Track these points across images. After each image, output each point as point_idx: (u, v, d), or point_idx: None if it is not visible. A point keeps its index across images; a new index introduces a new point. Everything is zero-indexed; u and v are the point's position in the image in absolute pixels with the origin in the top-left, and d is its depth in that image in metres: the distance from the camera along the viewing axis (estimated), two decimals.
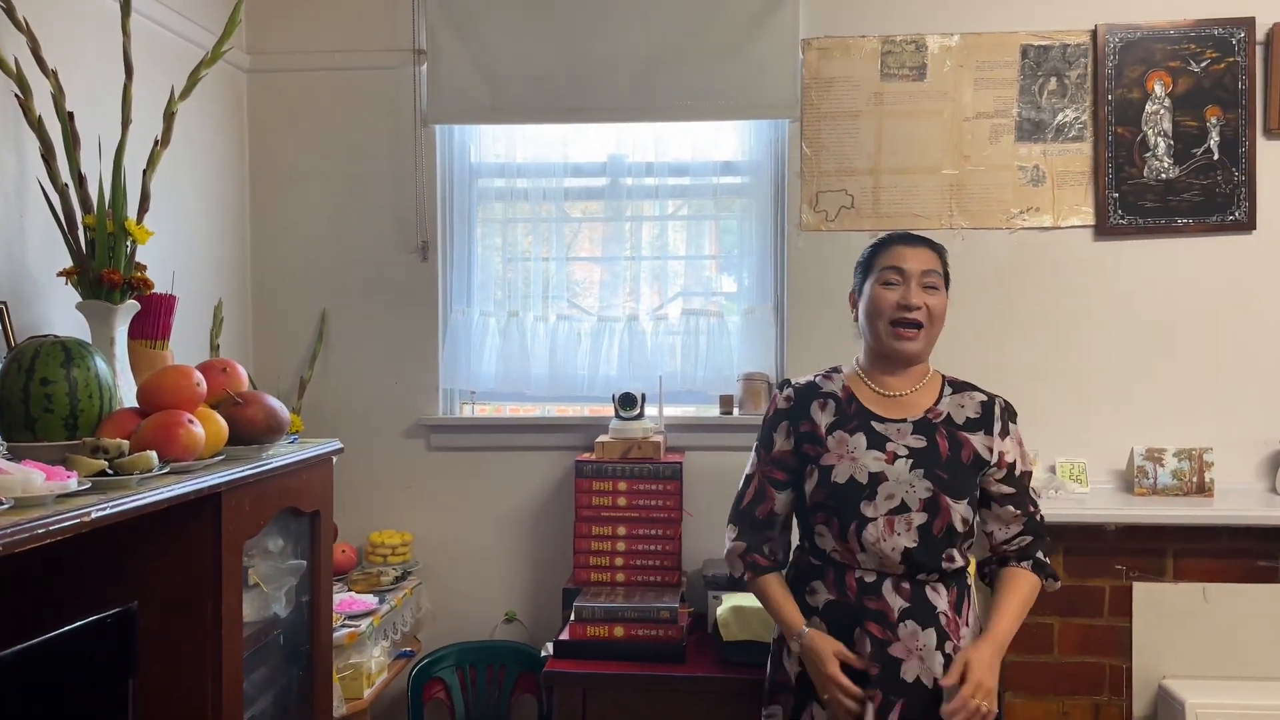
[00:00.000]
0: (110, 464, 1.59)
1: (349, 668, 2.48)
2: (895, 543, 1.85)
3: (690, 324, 3.07)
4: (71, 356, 1.78)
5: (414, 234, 3.10)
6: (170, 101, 2.14)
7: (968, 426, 1.92)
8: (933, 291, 1.93)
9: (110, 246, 1.99)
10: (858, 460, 1.91)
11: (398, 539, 3.02)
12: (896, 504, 1.87)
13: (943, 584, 1.88)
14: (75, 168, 2.00)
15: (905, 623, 1.85)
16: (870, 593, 1.88)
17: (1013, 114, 2.95)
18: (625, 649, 2.60)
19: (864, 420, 1.94)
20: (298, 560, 2.24)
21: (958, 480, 1.87)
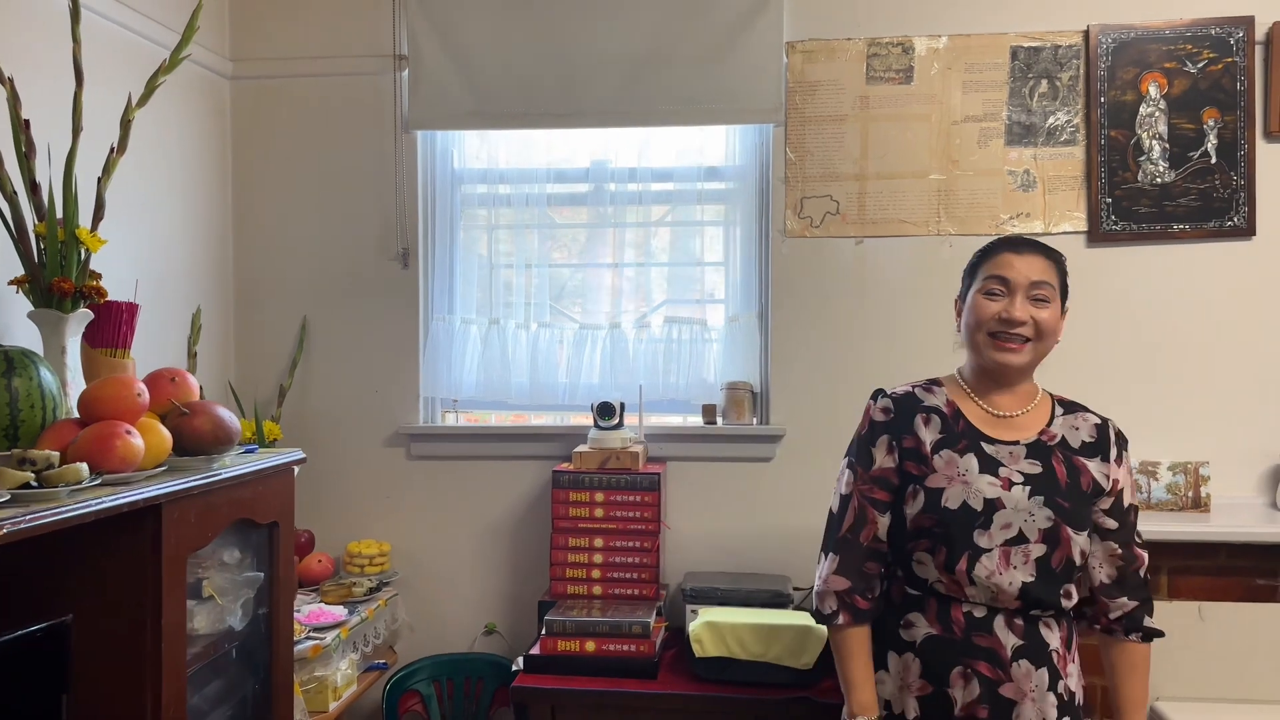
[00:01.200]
0: (38, 476, 1.56)
1: (313, 680, 2.44)
2: (1012, 577, 1.70)
3: (673, 332, 3.02)
4: (14, 366, 1.77)
5: (395, 241, 3.07)
6: (127, 109, 2.12)
7: (1084, 451, 1.79)
8: (1042, 304, 1.77)
9: (61, 255, 1.97)
10: (971, 484, 1.74)
11: (375, 549, 2.99)
12: (1013, 534, 1.72)
13: (1055, 619, 1.76)
14: (29, 176, 1.99)
15: (1019, 662, 1.71)
16: (980, 628, 1.73)
17: (1002, 117, 2.88)
18: (596, 664, 2.54)
19: (974, 440, 1.79)
20: (255, 572, 2.21)
21: (1079, 509, 1.75)
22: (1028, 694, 1.71)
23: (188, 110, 2.91)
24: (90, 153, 2.12)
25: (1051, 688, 1.72)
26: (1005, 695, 1.71)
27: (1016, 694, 1.71)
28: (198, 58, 2.92)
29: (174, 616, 1.82)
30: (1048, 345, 1.80)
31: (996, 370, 1.80)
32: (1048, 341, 1.79)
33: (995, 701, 1.71)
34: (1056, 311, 1.79)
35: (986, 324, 1.78)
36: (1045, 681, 1.71)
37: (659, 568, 2.78)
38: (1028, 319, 1.76)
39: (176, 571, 1.83)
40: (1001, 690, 1.71)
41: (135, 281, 2.36)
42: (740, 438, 2.97)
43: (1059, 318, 1.80)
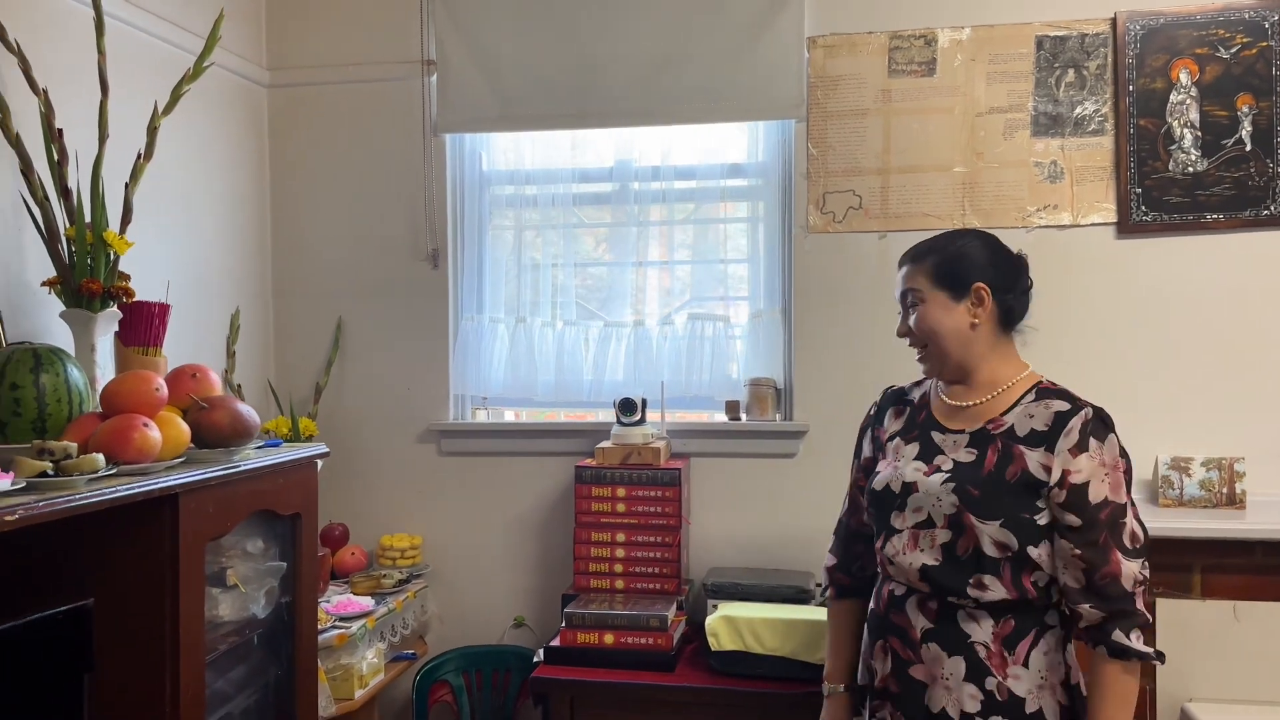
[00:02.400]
0: (55, 465, 1.65)
1: (339, 669, 2.52)
2: (915, 558, 1.72)
3: (696, 329, 3.03)
4: (41, 363, 1.86)
5: (425, 242, 3.14)
6: (154, 117, 2.22)
7: (1028, 440, 1.68)
8: (915, 309, 1.79)
9: (90, 257, 2.07)
10: (899, 469, 1.80)
11: (407, 542, 3.06)
12: (923, 518, 1.73)
13: (986, 613, 1.67)
14: (61, 182, 2.09)
15: (928, 645, 1.71)
16: (895, 607, 1.77)
17: (1028, 108, 2.84)
18: (615, 656, 2.58)
19: (925, 430, 1.82)
20: (278, 562, 2.28)
21: (991, 498, 1.66)
22: (939, 679, 1.69)
23: (227, 117, 3.02)
24: (122, 159, 2.22)
25: (973, 680, 1.66)
26: (915, 676, 1.72)
27: (926, 676, 1.71)
28: (235, 67, 3.04)
29: (192, 602, 1.90)
30: (941, 342, 1.77)
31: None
32: (940, 341, 1.77)
33: (905, 681, 1.73)
34: (932, 309, 1.77)
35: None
36: (961, 671, 1.67)
37: (680, 562, 2.81)
38: (905, 331, 1.82)
39: (194, 559, 1.91)
40: (911, 670, 1.73)
41: (167, 282, 2.45)
42: (763, 434, 2.98)
43: (941, 313, 1.76)
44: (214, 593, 2.16)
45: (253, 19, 3.14)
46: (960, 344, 1.76)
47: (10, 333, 2.12)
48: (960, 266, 1.77)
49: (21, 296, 2.19)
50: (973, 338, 1.76)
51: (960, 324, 1.76)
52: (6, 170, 2.11)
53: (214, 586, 2.16)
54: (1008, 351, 1.80)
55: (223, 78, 2.98)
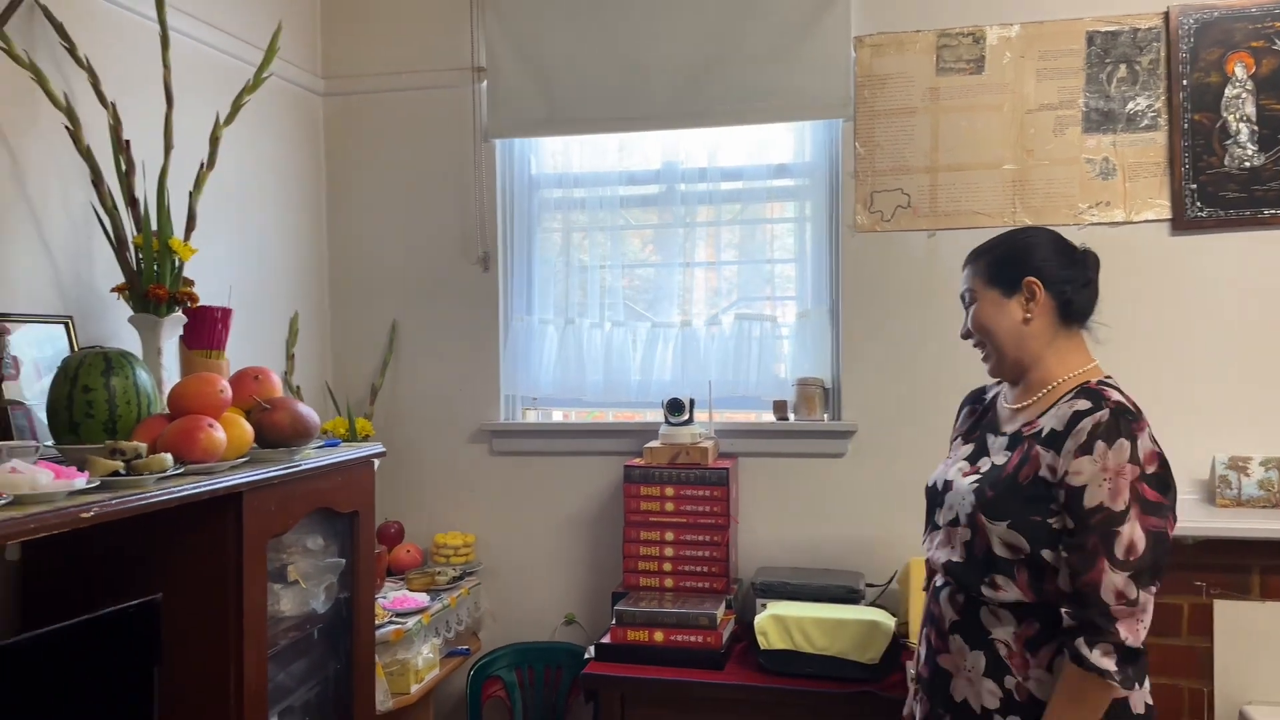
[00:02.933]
0: (127, 465, 1.72)
1: (395, 663, 2.58)
2: (943, 554, 1.74)
3: (744, 329, 3.05)
4: (112, 366, 1.93)
5: (476, 245, 3.20)
6: (215, 127, 2.29)
7: (1046, 440, 1.64)
8: (972, 309, 1.78)
9: (156, 264, 2.15)
10: (948, 468, 1.81)
11: (460, 540, 3.11)
12: (953, 516, 1.73)
13: (1008, 612, 1.64)
14: (129, 192, 2.17)
15: (954, 636, 1.71)
16: (934, 597, 1.79)
17: (1079, 104, 2.81)
18: (665, 654, 2.61)
19: (985, 430, 1.82)
20: (337, 558, 2.35)
21: (1002, 499, 1.64)
22: (962, 670, 1.69)
23: (284, 126, 3.10)
24: (187, 168, 2.30)
25: (992, 677, 1.65)
26: (942, 665, 1.73)
27: (952, 666, 1.71)
28: (292, 76, 3.12)
29: (255, 596, 1.96)
30: (999, 340, 1.75)
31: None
32: (997, 338, 1.75)
33: (934, 669, 1.75)
34: (985, 306, 1.76)
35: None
36: (981, 666, 1.66)
37: (728, 561, 2.83)
38: (965, 331, 1.81)
39: (257, 555, 1.98)
40: (940, 659, 1.74)
41: (229, 287, 2.53)
42: (811, 433, 2.98)
43: (994, 309, 1.75)
44: (275, 588, 2.23)
45: (308, 30, 3.22)
46: (1014, 341, 1.73)
47: (82, 337, 2.21)
48: (1011, 262, 1.75)
49: (92, 302, 2.28)
50: (1027, 334, 1.72)
51: (1013, 320, 1.73)
52: (78, 181, 2.19)
53: (275, 582, 2.23)
54: (1069, 348, 1.73)
55: (280, 87, 3.06)
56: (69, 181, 2.19)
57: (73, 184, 2.20)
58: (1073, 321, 1.74)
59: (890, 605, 2.81)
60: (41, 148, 2.13)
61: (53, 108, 2.07)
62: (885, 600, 2.84)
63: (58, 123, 2.10)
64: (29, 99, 2.08)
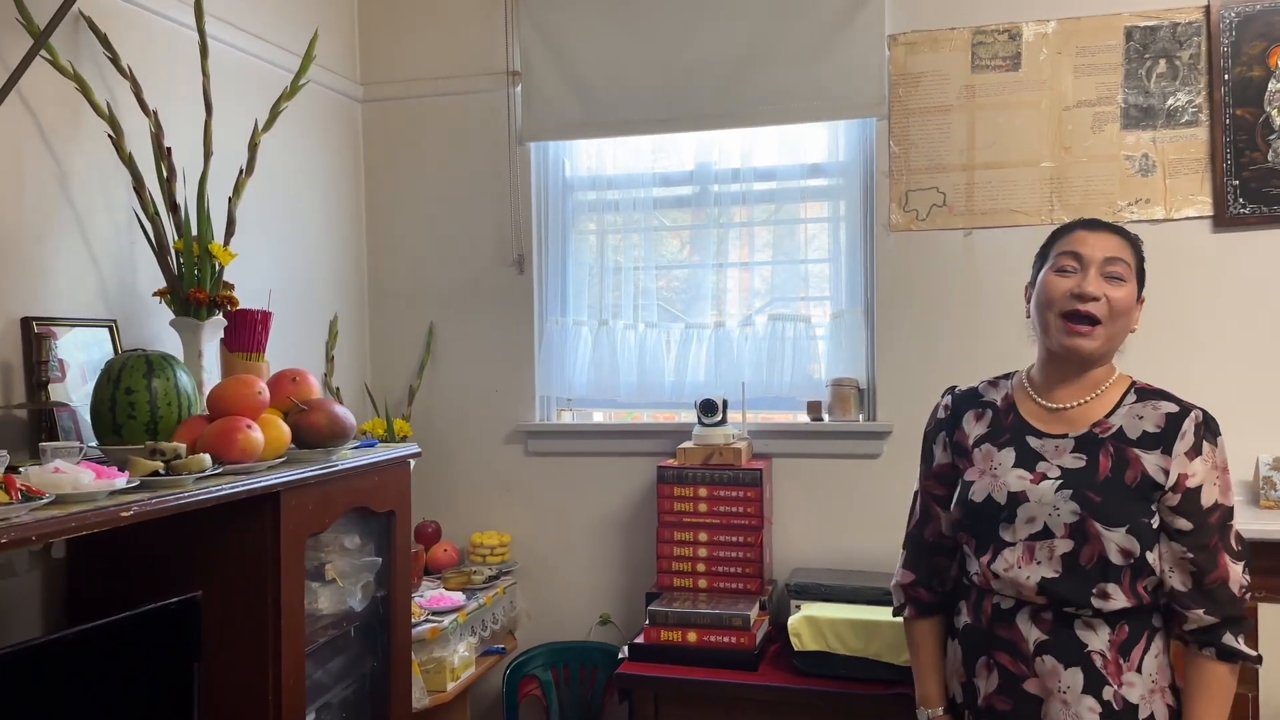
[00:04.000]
0: (166, 465, 1.76)
1: (432, 661, 2.60)
2: (1032, 572, 1.64)
3: (777, 329, 3.04)
4: (153, 368, 1.98)
5: (511, 248, 3.22)
6: (254, 133, 2.33)
7: (1142, 442, 1.64)
8: (1117, 283, 1.66)
9: (197, 268, 2.19)
10: (999, 478, 1.71)
11: (496, 540, 3.14)
12: (1038, 529, 1.65)
13: (1103, 621, 1.63)
14: (170, 198, 2.22)
15: (1043, 658, 1.64)
16: (1003, 620, 1.69)
17: (1117, 100, 2.77)
18: (698, 654, 2.61)
19: (1019, 434, 1.73)
20: (374, 557, 2.38)
21: (1114, 504, 1.61)
22: (1055, 692, 1.63)
23: (324, 132, 3.15)
24: (226, 174, 2.35)
25: (1091, 692, 1.61)
26: (1029, 690, 1.66)
27: (1041, 690, 1.65)
28: (331, 83, 3.16)
29: (293, 595, 2.00)
30: (1121, 330, 1.68)
31: (1065, 357, 1.69)
32: (1120, 325, 1.67)
33: (1018, 695, 1.67)
34: (1132, 292, 1.68)
35: (1058, 302, 1.67)
36: (1079, 683, 1.61)
37: (762, 562, 2.82)
38: (1101, 295, 1.64)
39: (295, 554, 2.01)
40: (1025, 685, 1.66)
41: (269, 291, 2.57)
42: (847, 434, 2.97)
43: (1134, 301, 1.69)
44: (313, 586, 2.26)
45: (346, 37, 3.26)
46: (1120, 338, 1.71)
47: (125, 340, 2.26)
48: (1144, 271, 1.75)
49: (135, 306, 2.33)
50: (1124, 338, 1.72)
51: (1131, 320, 1.71)
52: (121, 187, 2.24)
53: (313, 580, 2.27)
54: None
55: (319, 94, 3.11)
56: (112, 188, 2.24)
57: (116, 191, 2.25)
58: None
59: None
60: (85, 155, 2.19)
61: (96, 116, 2.12)
62: None
63: (100, 131, 2.15)
64: (73, 108, 2.14)
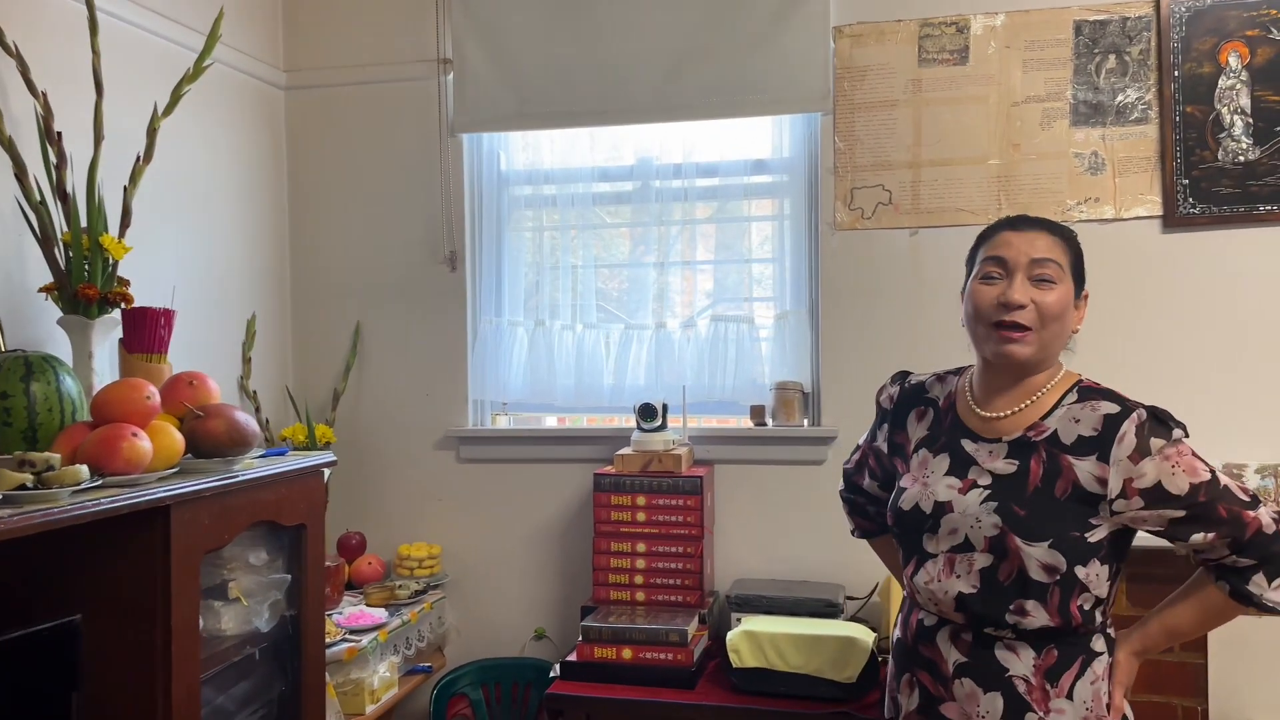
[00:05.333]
0: (37, 477, 1.59)
1: (349, 683, 2.45)
2: (950, 586, 1.55)
3: (720, 331, 2.93)
4: (33, 371, 1.81)
5: (443, 244, 3.08)
6: (153, 118, 2.17)
7: (1077, 448, 1.50)
8: (1047, 286, 1.54)
9: (87, 262, 2.02)
10: (930, 486, 1.61)
11: (425, 552, 2.99)
12: (959, 541, 1.54)
13: (1026, 644, 1.51)
14: (60, 186, 2.05)
15: (961, 681, 1.55)
16: (925, 638, 1.61)
17: (1067, 96, 2.69)
18: (633, 672, 2.49)
19: (955, 438, 1.63)
20: (282, 574, 2.22)
21: (1039, 517, 1.49)
22: (974, 718, 1.53)
23: (244, 121, 2.98)
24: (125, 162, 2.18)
25: (1011, 717, 1.51)
26: (947, 715, 1.57)
27: (960, 715, 1.55)
28: (251, 69, 3.00)
29: (185, 616, 1.84)
30: (1057, 333, 1.56)
31: (1000, 366, 1.59)
32: (1055, 329, 1.55)
33: (935, 718, 1.59)
34: (1065, 294, 1.56)
35: (985, 312, 1.56)
36: (998, 709, 1.51)
37: (703, 574, 2.70)
38: (1028, 302, 1.53)
39: (189, 572, 1.85)
40: (943, 709, 1.58)
41: (172, 288, 2.40)
42: (790, 439, 2.86)
43: (1069, 302, 1.57)
44: (216, 606, 2.11)
45: (269, 21, 3.10)
46: (1057, 344, 1.58)
47: (11, 339, 2.08)
48: (1082, 266, 1.63)
49: (22, 303, 2.15)
50: (1064, 343, 1.60)
51: (1068, 324, 1.59)
52: (5, 176, 2.07)
53: (216, 599, 2.11)
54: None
55: (238, 80, 2.95)
56: None
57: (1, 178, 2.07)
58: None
59: (872, 619, 2.69)
60: None
61: None
62: (867, 613, 2.72)
63: None
64: None
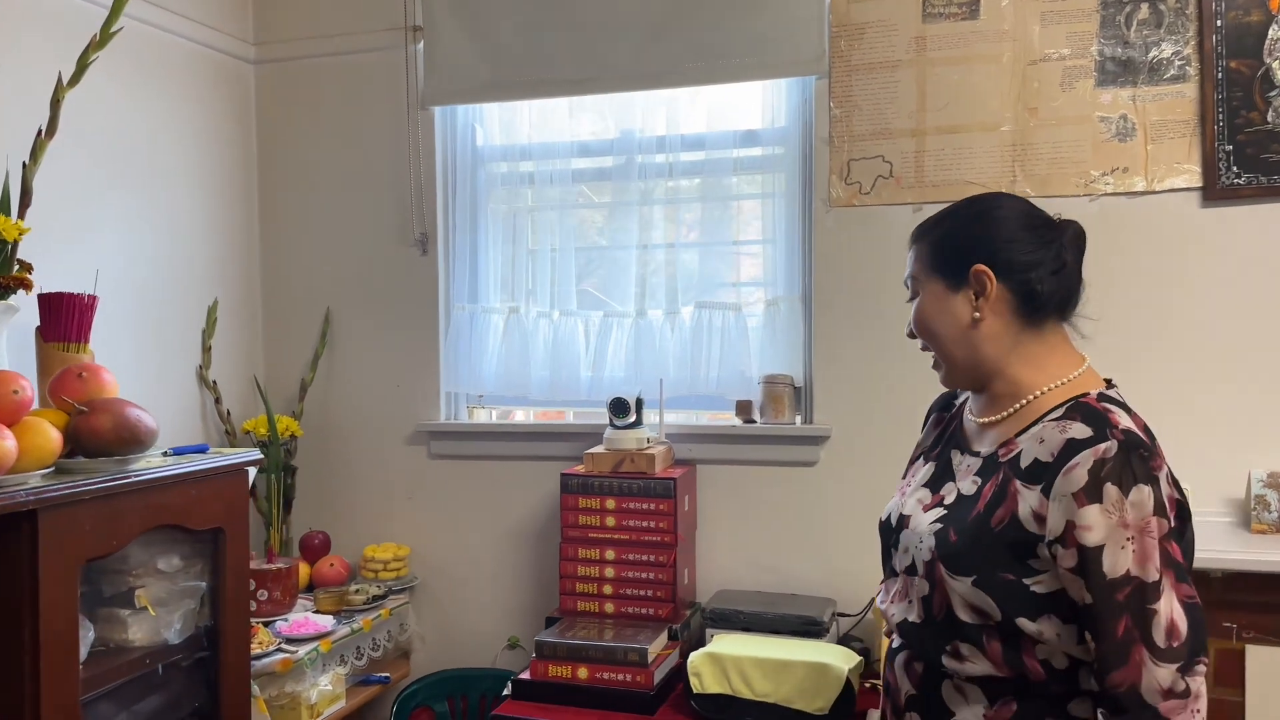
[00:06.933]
0: None
1: (284, 696, 2.28)
2: (898, 610, 1.38)
3: (704, 319, 2.68)
4: None
5: (413, 226, 2.88)
6: (57, 88, 2.00)
7: (1029, 474, 1.25)
8: (914, 301, 1.41)
9: None
10: (905, 496, 1.45)
11: (391, 553, 2.81)
12: (909, 562, 1.36)
13: (977, 688, 1.28)
14: None
15: (910, 714, 1.37)
16: (889, 660, 1.43)
17: (1092, 53, 2.37)
18: (589, 694, 2.27)
19: (948, 447, 1.44)
20: (196, 582, 2.05)
21: (969, 548, 1.26)
22: None
23: (208, 96, 2.84)
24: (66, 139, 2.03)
25: None
26: None
27: None
28: (216, 43, 2.85)
29: (59, 629, 1.68)
30: (953, 338, 1.35)
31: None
32: (945, 337, 1.36)
33: None
34: (930, 300, 1.37)
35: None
36: None
37: (675, 585, 2.47)
38: (909, 329, 1.42)
39: (63, 582, 1.69)
40: None
41: (95, 271, 2.25)
42: (779, 438, 2.60)
43: (939, 302, 1.36)
44: (121, 615, 1.96)
45: None
46: (963, 346, 1.35)
47: None
48: (960, 243, 1.35)
49: None
50: (978, 337, 1.33)
51: (959, 319, 1.34)
52: None
53: (122, 608, 1.96)
54: (1044, 351, 1.33)
55: (202, 54, 2.81)
56: None
57: None
58: (1045, 317, 1.33)
59: (867, 639, 2.43)
60: None
61: None
62: (860, 632, 2.46)
63: None
64: None
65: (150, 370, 2.62)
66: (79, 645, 1.74)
